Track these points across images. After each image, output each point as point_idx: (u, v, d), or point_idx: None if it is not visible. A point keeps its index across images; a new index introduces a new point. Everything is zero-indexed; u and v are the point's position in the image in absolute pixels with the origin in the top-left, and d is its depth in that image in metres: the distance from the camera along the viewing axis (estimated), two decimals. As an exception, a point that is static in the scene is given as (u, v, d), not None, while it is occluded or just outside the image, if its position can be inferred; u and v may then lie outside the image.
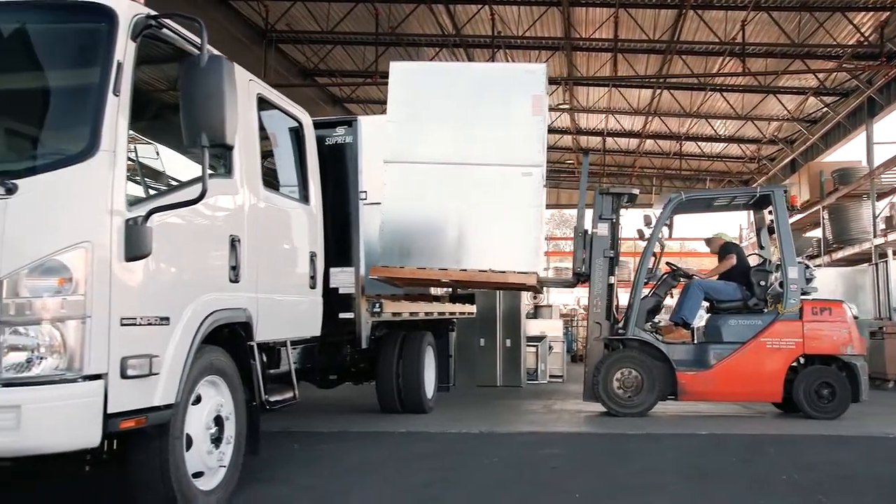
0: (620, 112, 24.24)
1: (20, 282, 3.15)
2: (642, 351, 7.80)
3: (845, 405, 7.46)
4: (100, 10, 3.48)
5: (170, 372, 3.64)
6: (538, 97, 7.49)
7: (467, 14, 17.98)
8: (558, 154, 29.38)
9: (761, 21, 17.14)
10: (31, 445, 3.08)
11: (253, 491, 4.42)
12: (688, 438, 6.38)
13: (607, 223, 8.00)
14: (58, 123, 3.55)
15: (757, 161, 28.17)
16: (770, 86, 20.64)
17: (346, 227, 6.23)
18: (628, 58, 19.47)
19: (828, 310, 7.65)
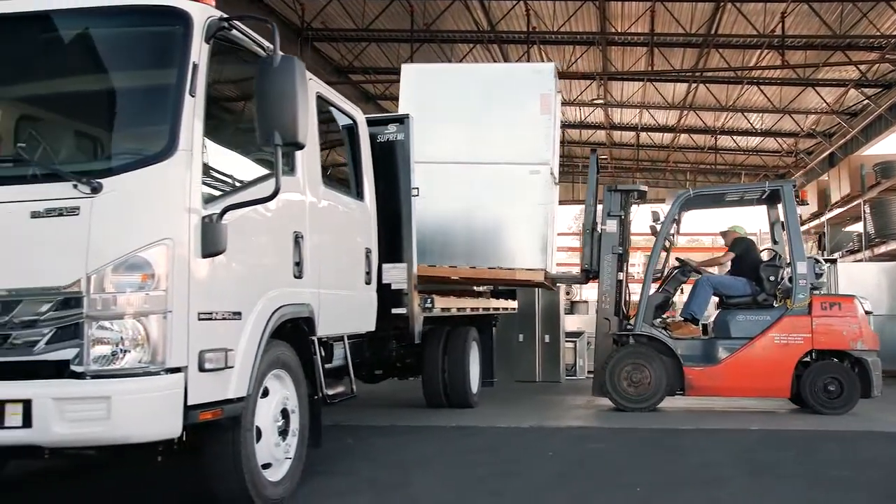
0: (655, 107, 24.05)
1: (105, 278, 3.25)
2: (650, 346, 7.83)
3: (853, 400, 7.41)
4: (175, 13, 3.57)
5: (242, 365, 3.72)
6: (546, 96, 7.61)
7: (502, 10, 17.97)
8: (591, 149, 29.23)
9: (801, 12, 16.89)
10: (119, 435, 3.18)
11: (315, 483, 4.50)
12: (740, 434, 6.38)
13: (616, 220, 8.05)
14: (137, 125, 3.66)
15: (794, 155, 27.76)
16: (809, 78, 20.33)
17: (396, 223, 6.28)
18: (664, 52, 19.29)
19: (837, 305, 7.63)
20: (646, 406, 7.61)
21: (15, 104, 3.94)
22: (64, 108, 3.87)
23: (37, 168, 3.43)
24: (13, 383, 3.23)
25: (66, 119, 3.89)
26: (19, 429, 3.13)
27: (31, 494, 4.66)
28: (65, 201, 3.30)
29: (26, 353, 3.28)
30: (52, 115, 3.95)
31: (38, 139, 3.60)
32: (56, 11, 3.62)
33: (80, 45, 3.74)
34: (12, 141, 3.77)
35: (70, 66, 3.80)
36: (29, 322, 3.27)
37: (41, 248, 3.31)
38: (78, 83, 3.84)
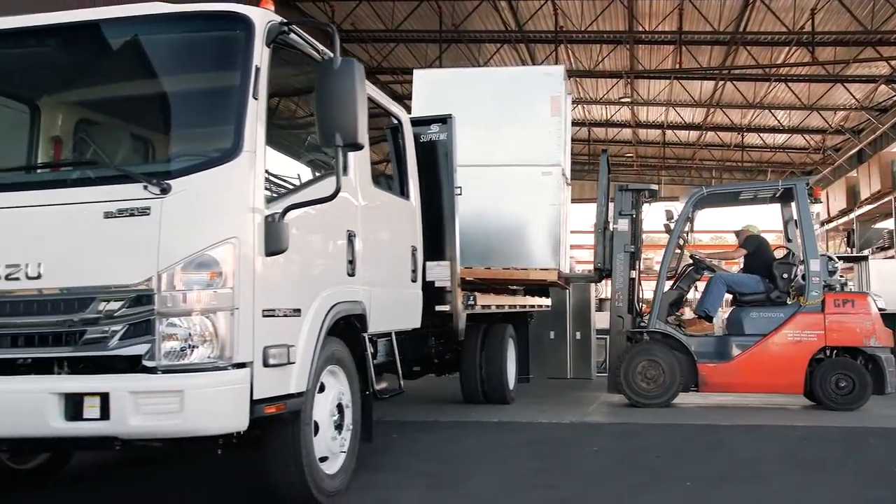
0: (681, 104, 23.89)
1: (175, 276, 3.32)
2: (664, 343, 7.85)
3: (866, 397, 7.38)
4: (237, 18, 3.63)
5: (302, 361, 3.79)
6: (557, 98, 7.70)
7: (530, 10, 17.96)
8: (617, 147, 29.11)
9: (831, 8, 16.69)
10: (191, 428, 3.25)
11: (368, 476, 4.55)
12: (783, 430, 6.36)
13: (627, 219, 8.08)
14: (203, 127, 3.74)
15: (822, 152, 27.43)
16: (838, 74, 20.07)
17: (439, 221, 6.33)
18: (691, 49, 19.16)
19: (850, 302, 7.61)
20: (660, 402, 7.65)
21: (85, 109, 4.05)
22: (132, 112, 3.97)
23: (109, 170, 3.51)
24: (90, 377, 3.32)
25: (135, 123, 3.99)
26: (97, 421, 3.21)
27: (92, 487, 4.77)
28: (136, 202, 3.37)
29: (101, 348, 3.36)
30: (121, 119, 4.05)
31: (109, 142, 3.69)
32: (123, 19, 3.69)
33: (146, 51, 3.82)
34: (84, 144, 3.87)
35: (137, 72, 3.88)
36: (103, 318, 3.36)
37: (114, 247, 3.39)
38: (145, 88, 3.92)
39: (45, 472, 4.64)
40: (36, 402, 3.23)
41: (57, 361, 3.48)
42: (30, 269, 3.42)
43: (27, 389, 3.30)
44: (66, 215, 3.45)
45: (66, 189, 3.51)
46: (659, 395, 7.66)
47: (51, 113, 4.14)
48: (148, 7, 3.73)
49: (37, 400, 3.24)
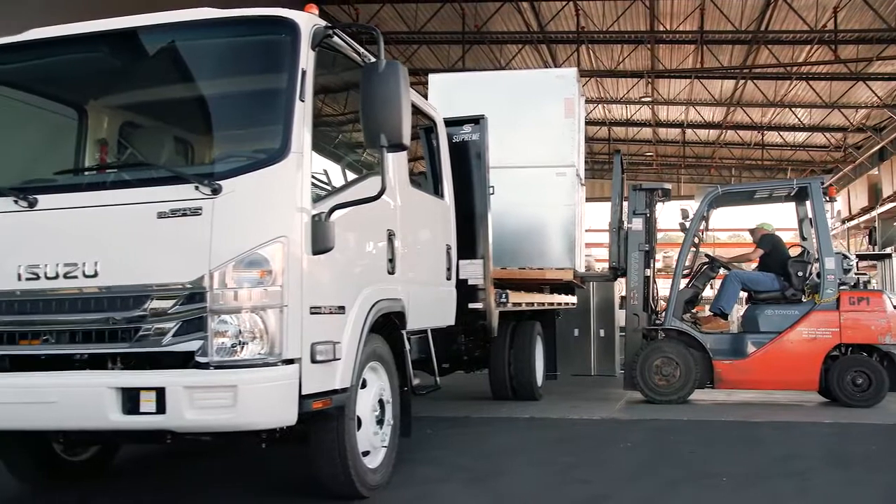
0: (702, 103, 23.73)
1: (227, 274, 3.37)
2: (679, 340, 7.84)
3: (882, 394, 7.33)
4: (284, 22, 3.67)
5: (346, 357, 3.82)
6: (570, 100, 7.72)
7: (552, 11, 17.93)
8: (637, 146, 28.98)
9: (854, 6, 16.50)
10: (243, 421, 3.30)
11: (408, 470, 4.58)
12: (814, 427, 6.32)
13: (641, 218, 8.08)
14: (252, 129, 3.79)
15: (843, 150, 27.11)
16: (861, 72, 19.83)
17: (471, 220, 6.35)
18: (712, 48, 19.03)
19: (866, 300, 7.57)
20: (675, 399, 7.65)
21: (136, 113, 4.12)
22: (183, 115, 4.02)
23: (161, 171, 3.57)
24: (146, 372, 3.38)
25: (185, 126, 4.05)
26: (153, 414, 3.26)
27: (139, 478, 4.85)
28: (188, 202, 3.43)
29: (155, 344, 3.42)
30: (171, 122, 4.11)
31: (160, 145, 3.74)
32: (174, 24, 3.75)
33: (196, 55, 3.87)
34: (136, 147, 3.94)
35: (187, 76, 3.95)
36: (157, 316, 3.41)
37: (167, 247, 3.45)
38: (194, 92, 3.98)
39: (95, 463, 4.72)
40: (96, 396, 3.30)
41: (110, 357, 3.55)
42: (87, 268, 3.48)
43: (87, 384, 3.36)
44: (121, 215, 3.51)
45: (121, 190, 3.57)
46: (675, 391, 7.67)
47: (102, 116, 4.21)
48: (197, 13, 3.78)
49: (96, 394, 3.30)
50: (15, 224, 3.62)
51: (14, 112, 4.21)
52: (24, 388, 3.41)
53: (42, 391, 3.38)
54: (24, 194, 3.61)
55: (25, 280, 3.54)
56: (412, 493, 4.25)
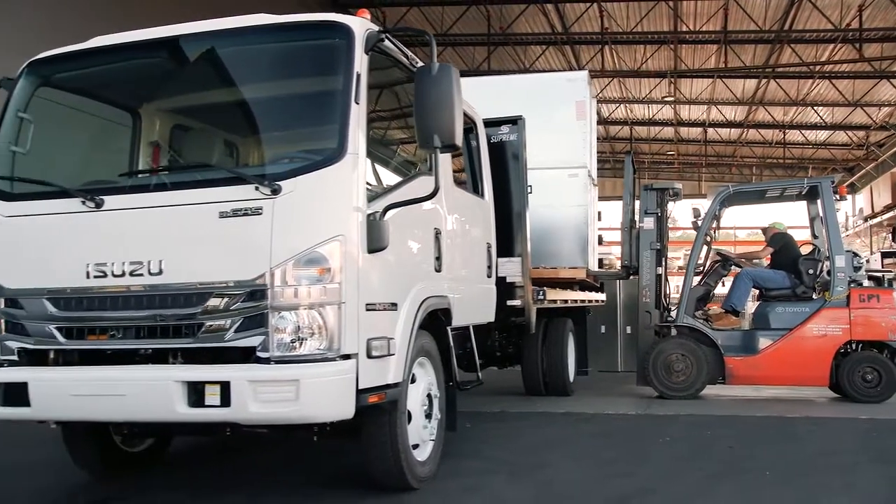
0: (724, 103, 23.54)
1: (287, 272, 3.41)
2: (691, 337, 7.83)
3: (892, 389, 7.31)
4: (339, 27, 3.71)
5: (399, 353, 3.84)
6: (581, 103, 7.75)
7: (576, 12, 17.87)
8: (658, 145, 28.80)
9: (878, 4, 16.29)
10: (305, 414, 3.34)
11: (452, 463, 4.60)
12: (849, 422, 6.25)
13: (653, 217, 8.09)
14: (309, 131, 3.84)
15: (865, 148, 26.76)
16: (885, 70, 19.56)
17: (508, 218, 6.36)
18: (735, 48, 18.87)
19: (876, 297, 7.57)
20: (687, 394, 7.65)
21: (196, 116, 4.18)
22: (242, 117, 4.06)
23: (222, 172, 3.62)
24: (211, 367, 3.43)
25: (244, 128, 4.09)
26: (218, 408, 3.31)
27: (193, 468, 4.92)
28: (249, 202, 3.47)
29: (217, 339, 3.48)
30: (230, 124, 4.16)
31: (220, 147, 3.80)
32: (232, 30, 3.80)
33: (255, 60, 3.92)
34: (198, 149, 3.99)
35: (246, 80, 3.99)
36: (220, 312, 3.46)
37: (229, 245, 3.50)
38: (253, 95, 4.02)
39: (151, 454, 4.80)
40: (163, 389, 3.35)
41: (171, 352, 3.61)
42: (152, 266, 3.55)
43: (155, 378, 3.42)
44: (184, 215, 3.56)
45: (183, 191, 3.62)
46: (686, 387, 7.67)
47: (163, 120, 4.28)
48: (254, 19, 3.82)
49: (164, 388, 3.36)
50: (83, 224, 3.70)
51: (77, 117, 4.29)
52: (96, 382, 3.48)
53: (113, 385, 3.45)
54: (91, 195, 3.68)
55: (94, 278, 3.62)
56: (460, 485, 4.27)
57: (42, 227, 3.78)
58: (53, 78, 4.19)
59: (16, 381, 3.57)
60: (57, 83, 4.21)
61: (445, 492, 4.14)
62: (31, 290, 3.72)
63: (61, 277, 3.68)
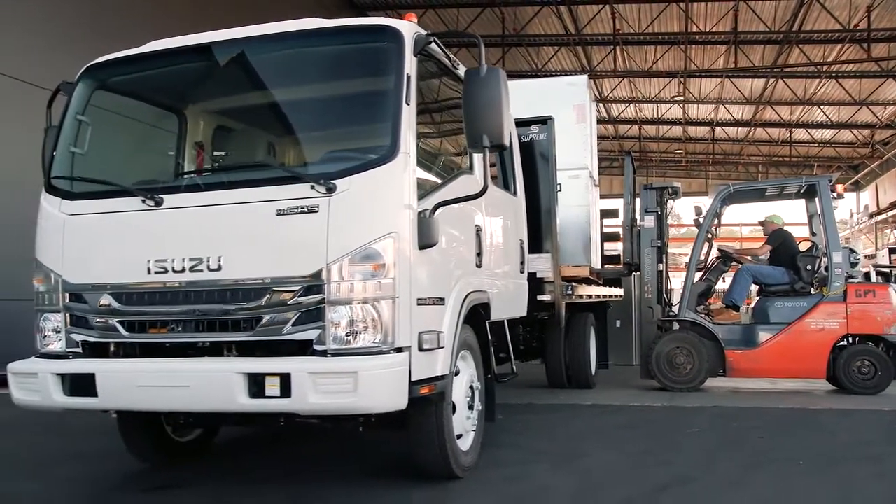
0: (732, 102, 23.47)
1: (344, 268, 3.45)
2: (693, 331, 7.90)
3: (886, 382, 7.39)
4: (389, 31, 3.75)
5: (446, 346, 3.88)
6: (581, 106, 7.85)
7: (588, 14, 17.85)
8: (666, 144, 28.72)
9: (886, 5, 16.22)
10: (363, 405, 3.38)
11: (491, 453, 4.62)
12: (875, 414, 6.24)
13: (653, 215, 8.15)
14: (362, 131, 3.86)
15: (870, 146, 26.63)
16: (892, 70, 19.47)
17: (537, 216, 6.39)
18: (744, 48, 18.82)
19: (872, 292, 7.67)
20: (689, 387, 7.71)
21: (252, 117, 4.22)
22: (294, 118, 4.08)
23: (279, 171, 3.67)
24: (270, 360, 3.47)
25: (298, 128, 4.11)
26: (279, 398, 3.35)
27: (241, 458, 4.98)
28: (306, 200, 3.51)
29: (275, 333, 3.52)
30: (285, 125, 4.18)
31: (275, 147, 3.83)
32: (286, 33, 3.84)
33: (308, 63, 3.95)
34: (254, 149, 4.03)
35: (299, 82, 4.04)
36: (277, 306, 3.51)
37: (286, 242, 3.53)
38: (307, 96, 4.08)
39: (199, 444, 4.87)
40: (226, 381, 3.40)
41: (225, 345, 3.66)
42: (211, 262, 3.59)
43: (218, 370, 3.47)
44: (242, 213, 3.60)
45: (240, 189, 3.66)
46: (688, 380, 7.74)
47: (216, 121, 4.33)
48: (307, 23, 3.86)
49: (226, 379, 3.40)
50: (143, 222, 3.75)
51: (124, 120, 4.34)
52: (161, 373, 3.53)
53: (177, 376, 3.50)
54: (151, 194, 3.73)
55: (154, 274, 3.67)
56: (503, 474, 4.30)
57: (103, 224, 3.84)
58: (109, 81, 4.23)
59: (84, 372, 3.62)
60: (112, 86, 4.26)
61: (490, 480, 4.17)
62: (94, 285, 3.78)
63: (123, 273, 3.73)
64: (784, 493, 3.91)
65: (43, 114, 4.14)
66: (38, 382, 3.68)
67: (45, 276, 3.89)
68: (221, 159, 4.35)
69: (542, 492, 3.99)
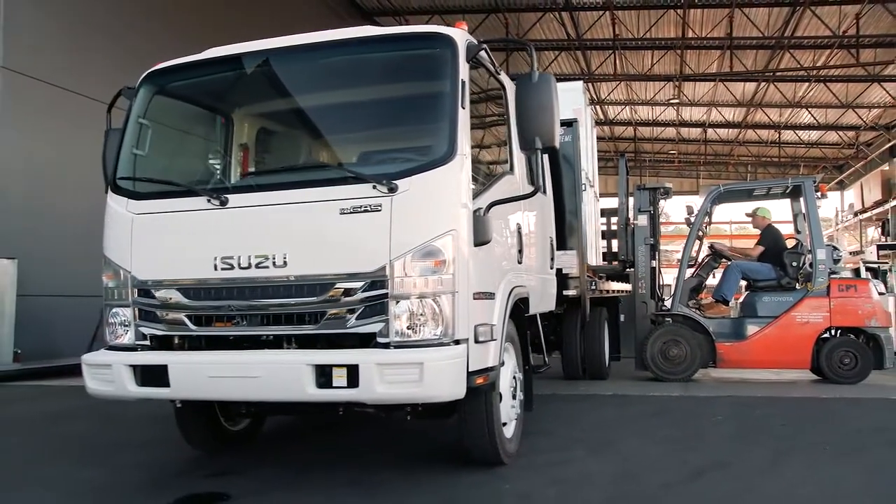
0: (724, 104, 23.59)
1: (406, 264, 3.50)
2: (685, 325, 8.05)
3: (867, 372, 7.55)
4: (444, 39, 3.79)
5: (497, 338, 3.94)
6: (578, 110, 7.89)
7: (589, 20, 17.91)
8: (660, 145, 28.84)
9: (873, 13, 16.35)
10: (427, 394, 3.42)
11: (530, 441, 4.68)
12: (884, 403, 6.36)
13: (646, 214, 8.29)
14: (420, 134, 3.91)
15: (855, 147, 26.82)
16: (878, 74, 19.63)
17: (563, 214, 6.44)
18: (737, 53, 18.93)
19: (853, 287, 7.82)
20: (682, 377, 7.85)
21: (315, 120, 4.24)
22: (356, 121, 4.14)
23: (343, 172, 3.71)
24: (338, 352, 3.52)
25: (358, 131, 4.17)
26: (346, 388, 3.40)
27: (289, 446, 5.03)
28: (370, 200, 3.55)
29: (339, 326, 3.56)
30: (345, 128, 4.23)
31: (338, 148, 3.87)
32: (347, 40, 3.87)
33: (368, 68, 3.98)
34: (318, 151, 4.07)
35: (359, 86, 4.07)
36: (343, 301, 3.55)
37: (350, 239, 3.57)
38: (366, 100, 4.11)
39: (248, 432, 4.91)
40: (295, 372, 3.44)
41: (289, 337, 3.71)
42: (277, 259, 3.63)
43: (288, 361, 3.51)
44: (307, 212, 3.64)
45: (304, 189, 3.70)
46: (681, 371, 7.90)
47: (278, 125, 4.36)
48: (363, 30, 3.91)
49: (296, 370, 3.45)
50: (209, 221, 3.78)
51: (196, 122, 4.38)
52: (232, 365, 3.57)
53: (248, 367, 3.54)
54: (217, 194, 3.77)
55: (221, 270, 3.70)
56: (545, 460, 4.36)
57: (170, 223, 3.87)
58: (168, 87, 4.27)
59: (156, 363, 3.67)
60: (171, 91, 4.30)
61: (533, 466, 4.23)
62: (163, 281, 3.82)
63: (191, 270, 3.77)
64: (818, 476, 3.99)
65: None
66: (113, 373, 3.73)
67: (114, 272, 3.93)
68: (282, 161, 4.38)
69: (585, 477, 4.05)
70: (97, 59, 11.07)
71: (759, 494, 3.61)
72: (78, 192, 10.61)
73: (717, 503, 3.52)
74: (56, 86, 10.57)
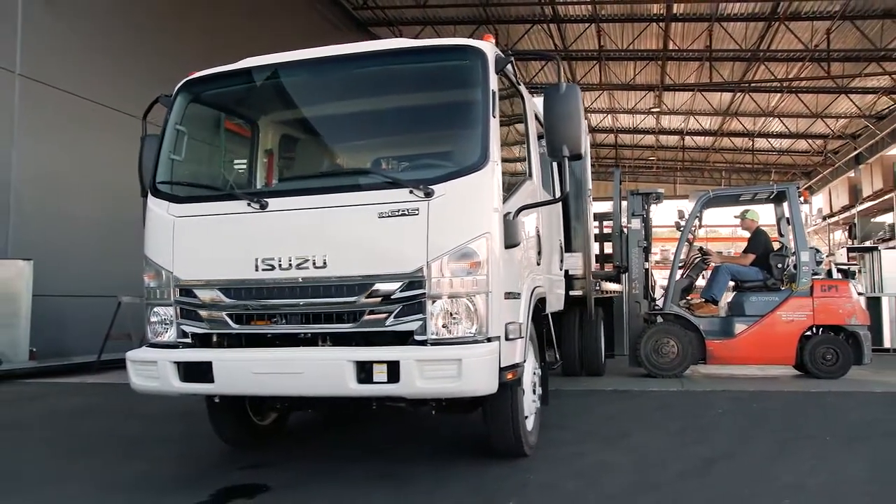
0: (701, 113, 23.87)
1: (443, 265, 3.54)
2: (676, 323, 8.21)
3: (847, 367, 7.77)
4: (475, 51, 3.82)
5: (524, 335, 4.00)
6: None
7: (575, 32, 18.06)
8: (639, 151, 29.10)
9: (843, 28, 16.67)
10: (465, 389, 3.46)
11: (547, 434, 4.72)
12: (871, 396, 6.46)
13: (639, 219, 8.44)
14: (454, 142, 3.95)
15: (823, 155, 27.27)
16: (846, 86, 19.99)
17: (568, 218, 6.51)
18: (715, 65, 19.19)
19: (835, 287, 8.01)
20: (674, 373, 8.01)
21: (353, 128, 4.26)
22: (391, 128, 4.18)
23: (381, 177, 3.74)
24: (378, 348, 3.54)
25: (395, 138, 4.20)
26: (387, 383, 3.43)
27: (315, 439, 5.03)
28: (407, 204, 3.59)
29: (378, 324, 3.59)
30: (381, 134, 4.26)
31: (372, 154, 3.90)
32: (385, 51, 3.91)
33: (402, 78, 4.01)
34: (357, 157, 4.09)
35: (395, 96, 4.11)
36: (382, 301, 3.58)
37: (388, 242, 3.60)
38: (403, 109, 4.15)
39: (275, 426, 4.92)
40: (338, 368, 3.46)
41: (322, 336, 3.73)
42: (317, 260, 3.65)
43: (330, 358, 3.53)
44: (346, 215, 3.67)
45: (343, 194, 3.72)
46: (673, 367, 8.04)
47: (313, 133, 4.37)
48: (397, 42, 3.94)
49: (338, 366, 3.47)
50: (250, 223, 3.79)
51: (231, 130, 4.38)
52: (276, 361, 3.59)
53: (291, 363, 3.55)
54: (257, 198, 3.79)
55: (262, 270, 3.72)
56: (564, 452, 4.41)
57: (211, 225, 3.88)
58: (204, 95, 4.27)
59: (201, 360, 3.67)
60: (207, 99, 4.30)
61: (553, 458, 4.28)
62: (204, 281, 3.82)
63: (232, 270, 3.78)
64: (825, 465, 4.08)
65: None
66: (158, 370, 3.72)
67: (156, 272, 3.92)
68: (320, 167, 4.39)
69: (605, 467, 4.11)
70: (111, 67, 11.09)
71: (773, 482, 3.68)
72: (92, 197, 10.67)
73: (733, 491, 3.59)
74: (71, 93, 10.50)
